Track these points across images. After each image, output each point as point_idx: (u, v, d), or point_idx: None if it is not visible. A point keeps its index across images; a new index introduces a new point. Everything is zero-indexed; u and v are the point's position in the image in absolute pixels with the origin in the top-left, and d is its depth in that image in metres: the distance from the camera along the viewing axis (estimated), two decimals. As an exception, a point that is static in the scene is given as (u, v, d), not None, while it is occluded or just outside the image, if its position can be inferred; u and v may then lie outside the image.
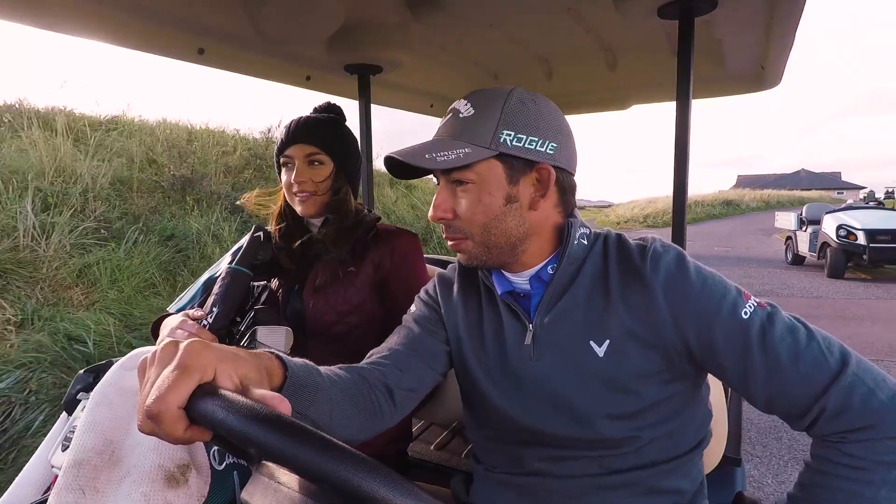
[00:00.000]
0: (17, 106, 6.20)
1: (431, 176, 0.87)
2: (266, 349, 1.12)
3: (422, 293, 0.99)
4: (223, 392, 0.48)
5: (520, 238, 0.82)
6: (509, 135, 0.77)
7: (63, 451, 0.92)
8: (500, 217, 0.80)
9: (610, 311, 0.78)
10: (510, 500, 0.88)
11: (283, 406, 0.47)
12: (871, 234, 8.60)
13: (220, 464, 0.95)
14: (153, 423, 0.47)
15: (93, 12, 1.19)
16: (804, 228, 10.45)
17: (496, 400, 0.86)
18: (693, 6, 1.26)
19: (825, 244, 9.40)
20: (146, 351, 1.05)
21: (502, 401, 0.86)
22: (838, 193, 18.41)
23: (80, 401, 1.01)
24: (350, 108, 2.01)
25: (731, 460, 1.13)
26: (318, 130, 1.25)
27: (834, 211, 9.95)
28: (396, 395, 0.85)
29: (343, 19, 1.39)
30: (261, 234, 1.27)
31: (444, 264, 1.72)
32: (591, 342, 0.79)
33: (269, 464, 0.60)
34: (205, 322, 1.09)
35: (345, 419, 0.76)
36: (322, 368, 0.78)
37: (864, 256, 8.68)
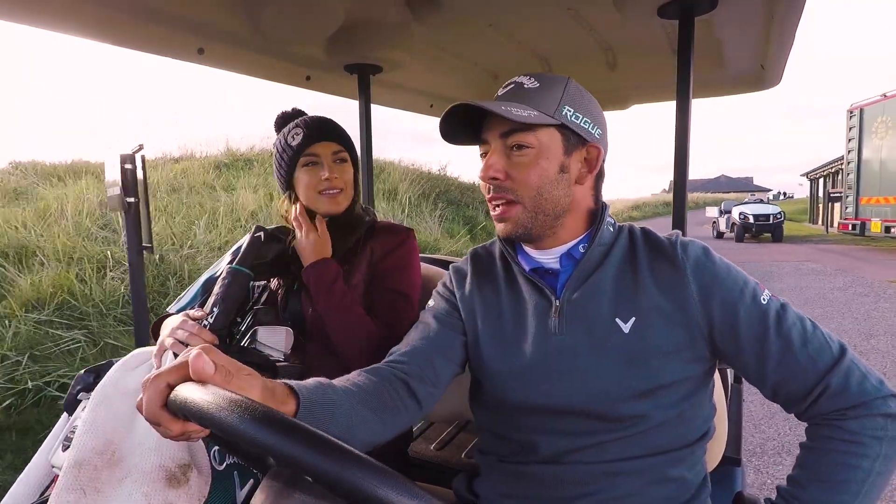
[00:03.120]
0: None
1: (478, 147, 0.92)
2: (267, 348, 1.12)
3: (438, 287, 1.03)
4: (199, 384, 0.51)
5: (563, 209, 0.87)
6: (570, 111, 0.85)
7: (63, 451, 0.92)
8: (553, 183, 0.85)
9: (639, 289, 0.84)
10: (519, 489, 0.89)
11: (200, 360, 0.54)
12: (756, 216, 16.26)
13: (221, 464, 0.95)
14: (144, 392, 0.54)
15: (92, 12, 1.19)
16: (722, 216, 18.92)
17: (513, 379, 0.88)
18: (693, 6, 1.26)
19: (734, 224, 17.24)
20: (146, 351, 1.05)
21: (520, 379, 0.87)
22: (751, 195, 24.77)
23: (80, 401, 1.01)
24: (350, 108, 2.02)
25: (732, 460, 1.14)
26: (338, 129, 1.27)
27: (738, 204, 18.30)
28: (419, 391, 0.87)
29: (343, 19, 1.39)
30: (261, 234, 1.27)
31: (444, 264, 1.72)
32: (618, 319, 0.83)
33: (282, 470, 0.61)
34: (205, 322, 1.09)
35: (365, 427, 0.77)
36: (338, 380, 0.79)
37: (753, 230, 16.52)
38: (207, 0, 1.27)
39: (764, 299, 0.80)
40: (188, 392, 0.50)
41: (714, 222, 19.72)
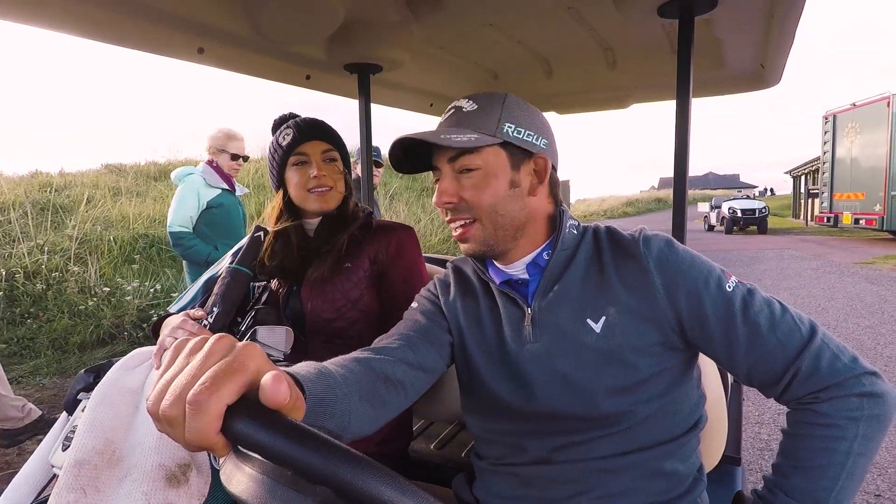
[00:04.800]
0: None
1: (430, 173, 0.92)
2: (267, 348, 1.12)
3: (422, 291, 1.03)
4: (264, 413, 0.43)
5: (522, 223, 0.88)
6: (511, 126, 0.86)
7: (63, 450, 0.92)
8: (506, 200, 0.86)
9: (605, 289, 0.85)
10: (513, 490, 0.90)
11: (282, 388, 0.44)
12: (743, 211, 18.61)
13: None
14: (192, 412, 0.41)
15: (92, 12, 1.19)
16: (713, 211, 21.33)
17: (498, 387, 0.89)
18: (693, 5, 1.26)
19: (723, 217, 19.54)
20: (146, 351, 1.05)
21: (504, 387, 0.88)
22: (738, 192, 25.69)
23: (80, 401, 1.01)
24: (350, 108, 2.02)
25: (731, 459, 1.14)
26: (327, 128, 1.29)
27: (727, 200, 20.67)
28: (409, 375, 0.85)
29: (343, 18, 1.39)
30: (261, 234, 1.27)
31: (442, 263, 1.72)
32: (588, 320, 0.84)
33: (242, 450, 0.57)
34: (205, 322, 1.09)
35: (358, 419, 0.75)
36: (333, 365, 0.77)
37: (741, 223, 18.74)
38: (208, 0, 1.27)
39: (729, 286, 0.80)
40: (258, 426, 0.42)
41: (705, 217, 22.35)
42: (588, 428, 0.84)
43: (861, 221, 13.54)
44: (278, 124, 1.33)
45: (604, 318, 0.83)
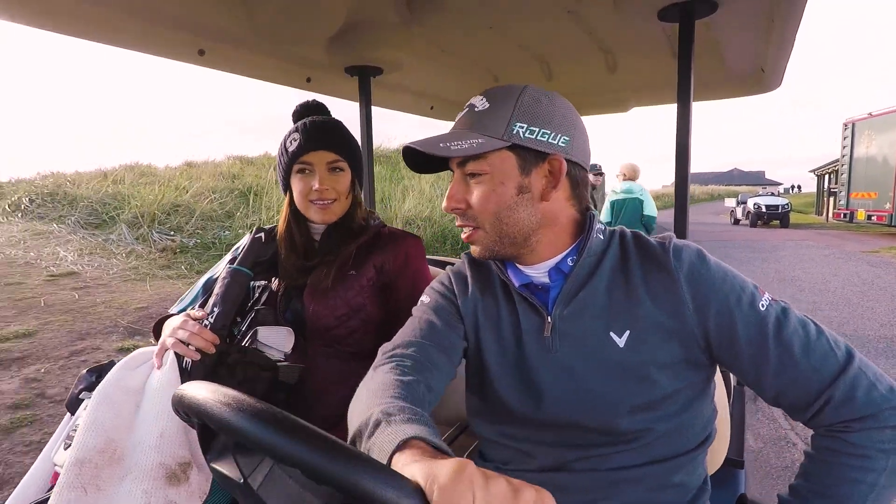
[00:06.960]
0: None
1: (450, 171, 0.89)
2: (268, 348, 1.12)
3: (436, 284, 0.98)
4: None
5: (532, 229, 0.83)
6: (522, 127, 0.80)
7: (65, 449, 0.93)
8: (513, 207, 0.82)
9: (632, 302, 0.80)
10: None
11: None
12: (767, 206, 20.21)
13: (221, 463, 0.95)
14: None
15: (93, 13, 1.19)
16: (739, 206, 23.24)
17: (509, 394, 0.86)
18: (693, 9, 1.26)
19: (748, 212, 21.23)
20: (147, 351, 1.05)
21: (516, 395, 0.86)
22: (763, 188, 27.89)
23: (82, 400, 1.02)
24: (351, 110, 2.03)
25: (734, 462, 1.13)
26: (337, 136, 1.23)
27: (753, 196, 22.70)
28: (427, 398, 0.80)
29: (343, 20, 1.40)
30: (261, 234, 1.27)
31: (444, 265, 1.72)
32: (612, 333, 0.80)
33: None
34: (206, 322, 1.09)
35: None
36: (397, 396, 0.70)
37: (765, 217, 20.32)
38: (208, 2, 1.28)
39: (763, 305, 0.76)
40: None
41: (732, 211, 24.51)
42: (602, 443, 0.81)
43: (873, 217, 15.35)
44: (299, 115, 1.27)
45: (628, 331, 0.79)
